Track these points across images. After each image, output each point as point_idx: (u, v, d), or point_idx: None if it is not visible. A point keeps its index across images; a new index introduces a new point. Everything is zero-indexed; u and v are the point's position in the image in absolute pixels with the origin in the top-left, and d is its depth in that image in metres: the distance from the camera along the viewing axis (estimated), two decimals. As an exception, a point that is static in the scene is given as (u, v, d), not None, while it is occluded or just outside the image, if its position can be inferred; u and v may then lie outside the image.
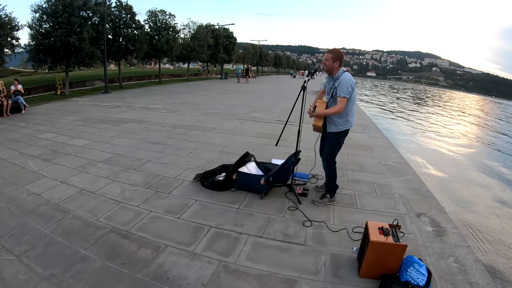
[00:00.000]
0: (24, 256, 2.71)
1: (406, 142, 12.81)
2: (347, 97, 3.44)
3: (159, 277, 2.48)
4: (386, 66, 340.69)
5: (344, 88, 3.41)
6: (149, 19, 24.09)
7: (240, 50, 50.15)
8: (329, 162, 3.81)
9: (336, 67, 3.54)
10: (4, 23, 12.25)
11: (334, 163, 3.83)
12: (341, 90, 3.44)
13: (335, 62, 3.51)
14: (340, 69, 3.55)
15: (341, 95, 3.43)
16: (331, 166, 3.82)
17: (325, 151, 3.83)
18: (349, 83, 3.42)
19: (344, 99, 3.44)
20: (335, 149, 3.77)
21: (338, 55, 3.53)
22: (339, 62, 3.52)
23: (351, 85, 3.43)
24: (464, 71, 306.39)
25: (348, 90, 3.41)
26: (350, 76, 3.49)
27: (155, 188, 4.26)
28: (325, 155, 3.84)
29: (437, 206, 4.01)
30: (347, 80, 3.42)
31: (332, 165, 3.82)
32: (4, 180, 4.42)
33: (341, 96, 3.44)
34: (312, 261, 2.76)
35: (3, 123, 8.47)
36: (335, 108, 3.48)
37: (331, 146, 3.75)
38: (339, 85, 3.45)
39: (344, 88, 3.41)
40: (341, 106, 3.45)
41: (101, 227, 3.23)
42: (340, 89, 3.44)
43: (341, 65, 3.55)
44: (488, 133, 20.78)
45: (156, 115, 9.99)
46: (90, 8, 15.30)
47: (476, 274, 2.67)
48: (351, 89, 3.44)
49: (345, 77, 3.45)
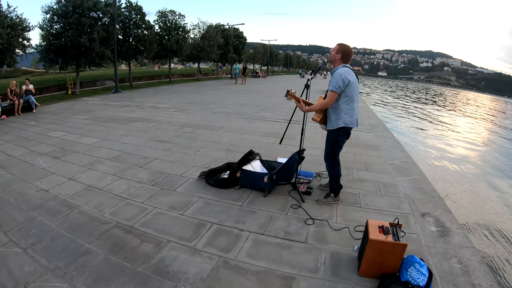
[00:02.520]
0: (31, 249, 2.79)
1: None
2: (335, 91, 3.35)
3: (159, 271, 2.53)
4: (398, 66, 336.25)
5: (334, 81, 3.34)
6: (159, 19, 24.30)
7: (250, 50, 50.26)
8: (331, 162, 3.77)
9: (337, 59, 3.48)
10: (15, 24, 12.50)
11: (336, 164, 3.77)
12: (331, 83, 3.38)
13: (337, 54, 3.46)
14: (341, 64, 3.48)
15: (330, 88, 3.38)
16: (333, 166, 3.77)
17: (325, 150, 3.82)
18: (341, 77, 3.31)
19: (332, 93, 3.36)
20: (333, 147, 3.69)
21: (343, 49, 3.46)
22: (341, 55, 3.45)
23: (343, 79, 3.31)
24: (476, 71, 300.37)
25: (338, 84, 3.32)
26: (345, 71, 3.38)
27: (160, 185, 4.32)
28: (324, 153, 3.82)
29: (443, 206, 3.96)
30: (339, 74, 3.34)
31: (334, 165, 3.77)
32: (14, 177, 4.54)
33: (329, 89, 3.38)
34: (312, 258, 2.76)
35: (14, 122, 8.68)
36: (321, 102, 3.44)
37: (329, 144, 3.71)
38: (332, 78, 3.41)
39: (334, 82, 3.34)
40: (328, 101, 3.40)
41: (106, 222, 3.30)
42: (331, 82, 3.39)
43: (343, 59, 3.47)
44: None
45: (164, 114, 10.09)
46: (100, 9, 15.49)
47: (479, 275, 2.62)
48: (342, 83, 3.32)
49: (338, 71, 3.38)
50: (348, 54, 3.50)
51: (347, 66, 3.49)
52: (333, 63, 3.54)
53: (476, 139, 16.10)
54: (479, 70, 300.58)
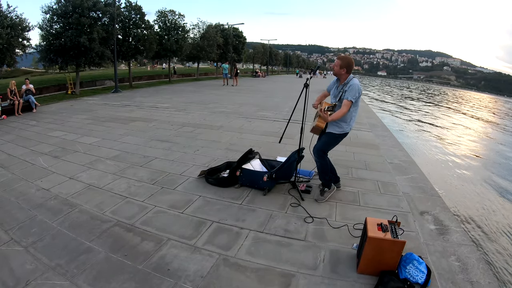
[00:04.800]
0: (32, 247, 2.81)
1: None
2: (353, 100, 3.56)
3: (160, 268, 2.54)
4: (397, 66, 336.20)
5: (353, 92, 3.54)
6: (159, 19, 24.34)
7: (250, 49, 50.28)
8: (320, 154, 3.86)
9: (343, 73, 3.65)
10: (15, 24, 12.52)
11: (325, 155, 3.90)
12: (349, 93, 3.56)
13: (342, 69, 3.63)
14: (349, 75, 3.67)
15: (348, 98, 3.54)
16: (322, 157, 3.88)
17: (320, 143, 3.88)
18: (358, 87, 3.56)
19: (350, 103, 3.55)
20: (330, 145, 3.87)
21: (346, 63, 3.63)
22: (345, 69, 3.63)
23: (359, 91, 3.58)
24: (475, 70, 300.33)
25: (355, 95, 3.55)
26: (359, 83, 3.63)
27: (160, 184, 4.33)
28: (318, 146, 3.88)
29: (442, 205, 3.98)
30: (356, 86, 3.56)
31: (323, 157, 3.88)
32: (14, 176, 4.56)
33: (348, 99, 3.54)
34: (311, 256, 2.78)
35: (14, 122, 8.69)
36: (341, 111, 3.58)
37: (328, 141, 3.82)
38: (349, 89, 3.57)
39: (352, 92, 3.54)
40: (346, 109, 3.56)
41: (106, 220, 3.32)
42: (349, 92, 3.56)
43: (348, 72, 3.65)
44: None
45: (164, 114, 10.11)
46: (100, 9, 15.52)
47: (478, 273, 2.64)
48: (358, 94, 3.58)
49: (355, 82, 3.59)
50: (351, 65, 3.69)
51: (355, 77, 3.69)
52: (340, 76, 3.72)
53: (477, 139, 16.14)
54: (478, 70, 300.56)
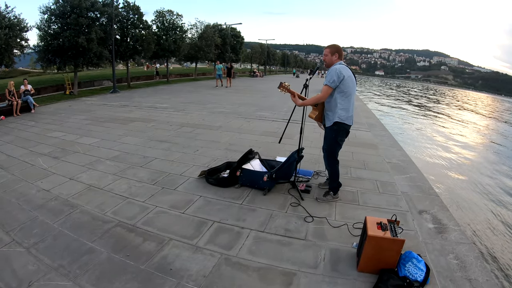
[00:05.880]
0: (33, 248, 2.82)
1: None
2: (329, 85, 3.42)
3: (162, 268, 2.56)
4: (395, 65, 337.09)
5: (329, 76, 3.41)
6: (157, 19, 24.28)
7: (247, 49, 50.27)
8: (330, 161, 3.80)
9: (335, 59, 3.55)
10: (13, 24, 12.46)
11: (335, 162, 3.81)
12: (326, 78, 3.45)
13: (333, 55, 3.54)
14: (338, 61, 3.56)
15: (324, 83, 3.45)
16: (332, 165, 3.81)
17: (323, 148, 3.86)
18: (336, 72, 3.38)
19: (326, 87, 3.44)
20: (333, 147, 3.73)
21: (335, 48, 3.56)
22: (337, 54, 3.54)
23: (338, 74, 3.37)
24: (473, 70, 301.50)
25: (332, 79, 3.38)
26: (341, 67, 3.45)
27: (161, 184, 4.35)
28: (323, 145, 3.85)
29: (440, 204, 4.01)
30: (334, 69, 3.41)
31: (333, 164, 3.81)
32: (14, 177, 4.56)
33: (324, 84, 3.45)
34: (311, 255, 2.81)
35: (13, 122, 8.68)
36: (315, 97, 3.51)
37: (328, 142, 3.75)
38: (328, 73, 3.47)
39: (328, 77, 3.41)
40: (322, 95, 3.47)
41: (108, 221, 3.33)
42: (326, 77, 3.46)
43: (340, 57, 3.56)
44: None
45: (163, 114, 10.11)
46: (98, 9, 15.49)
47: (476, 271, 2.68)
48: (336, 78, 3.38)
49: (334, 67, 3.45)
50: (341, 50, 3.61)
51: (343, 63, 3.57)
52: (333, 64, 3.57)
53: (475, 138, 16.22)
54: (476, 69, 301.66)
